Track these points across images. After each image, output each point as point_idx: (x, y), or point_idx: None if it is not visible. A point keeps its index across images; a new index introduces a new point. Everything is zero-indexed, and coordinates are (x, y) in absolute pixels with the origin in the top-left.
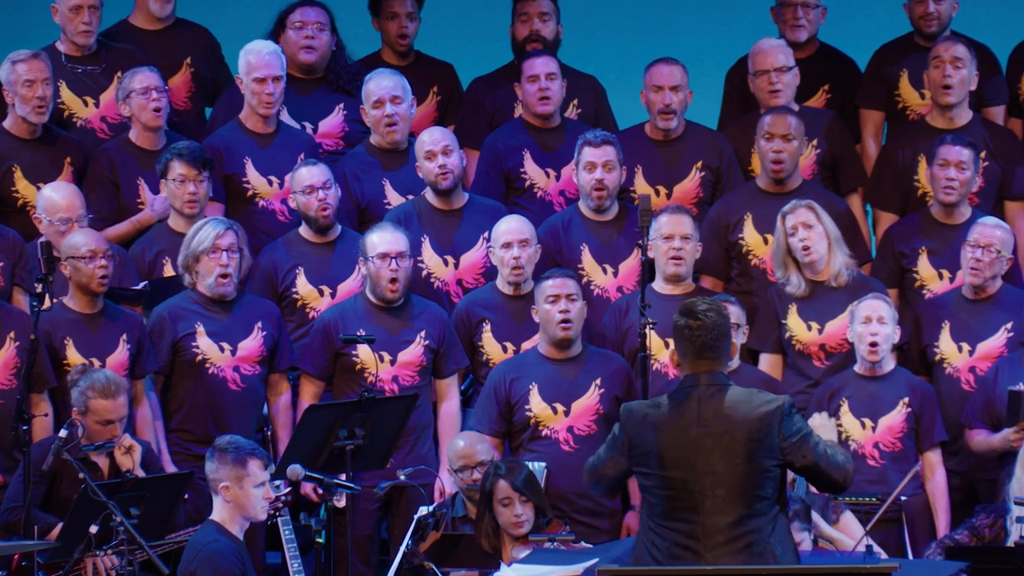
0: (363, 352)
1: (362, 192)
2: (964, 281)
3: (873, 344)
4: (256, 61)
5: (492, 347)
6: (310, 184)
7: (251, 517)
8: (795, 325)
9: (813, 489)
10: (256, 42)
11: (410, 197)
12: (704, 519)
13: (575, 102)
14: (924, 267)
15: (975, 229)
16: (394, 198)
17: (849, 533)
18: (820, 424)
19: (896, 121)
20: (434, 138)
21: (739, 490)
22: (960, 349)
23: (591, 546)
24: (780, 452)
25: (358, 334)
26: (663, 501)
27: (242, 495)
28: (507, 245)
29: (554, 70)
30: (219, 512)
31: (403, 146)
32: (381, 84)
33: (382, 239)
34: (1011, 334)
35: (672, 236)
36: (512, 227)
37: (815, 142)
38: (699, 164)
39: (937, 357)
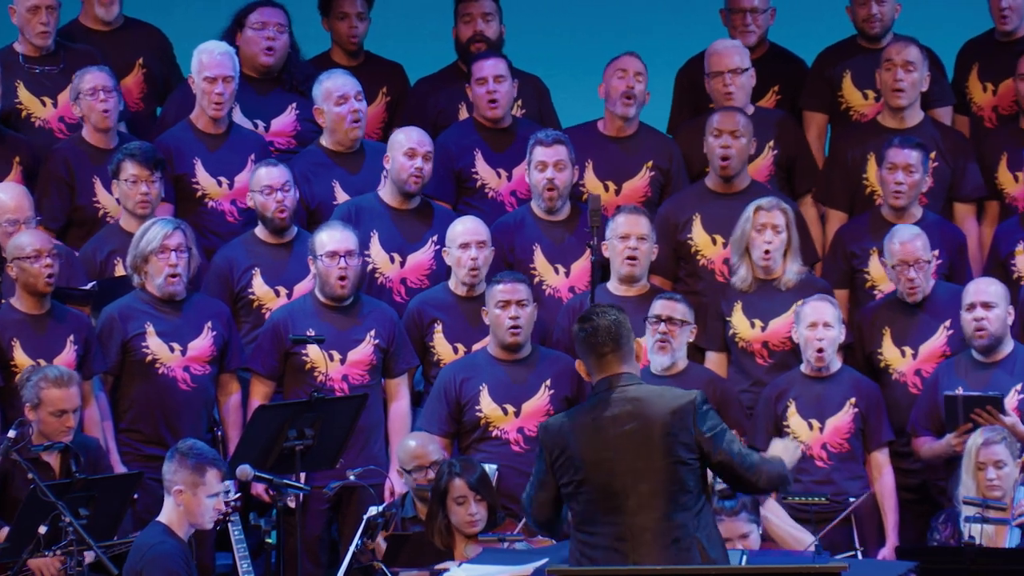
0: (313, 352)
1: (312, 193)
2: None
3: (820, 350)
4: (208, 61)
5: (443, 348)
6: (269, 184)
7: (198, 525)
8: (739, 323)
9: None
10: (210, 42)
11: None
12: (629, 519)
13: (519, 102)
14: (875, 268)
15: (895, 247)
16: (344, 200)
17: (775, 512)
18: (786, 446)
19: (840, 122)
20: (418, 139)
21: (661, 486)
22: (903, 354)
23: (542, 545)
24: (697, 446)
25: (308, 334)
26: (588, 507)
27: (194, 502)
28: (464, 246)
29: (503, 72)
30: (168, 514)
31: (357, 146)
32: (343, 81)
33: (331, 237)
34: (951, 332)
35: (628, 236)
36: (469, 228)
37: (771, 143)
38: (649, 164)
39: (882, 364)
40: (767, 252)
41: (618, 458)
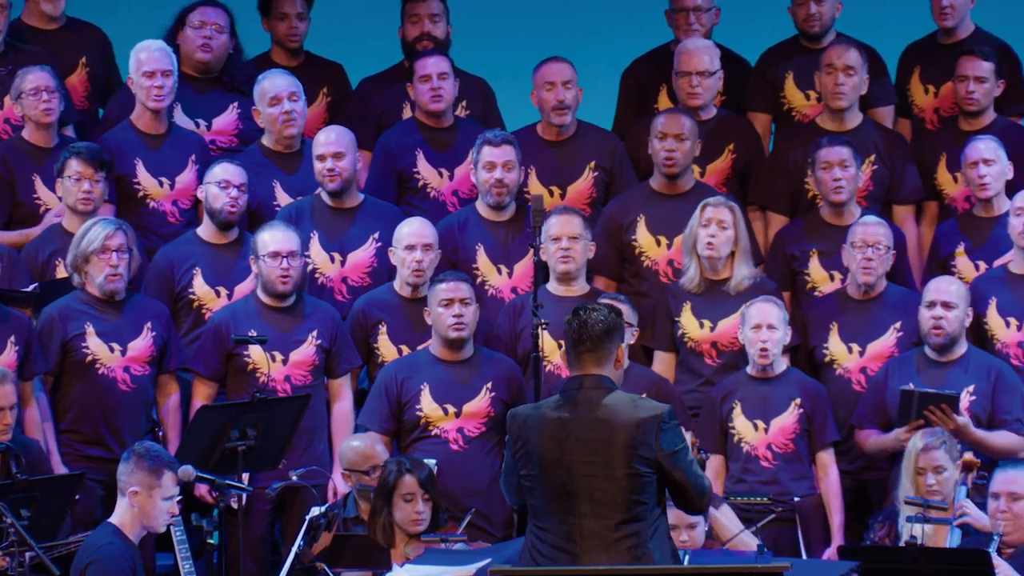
0: (255, 353)
1: (252, 194)
2: (851, 281)
3: (763, 351)
4: (146, 57)
5: (388, 349)
6: (226, 179)
7: (151, 527)
8: (688, 322)
9: None
10: (145, 41)
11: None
12: (580, 521)
13: (463, 103)
14: (815, 269)
15: (858, 229)
16: (284, 200)
17: (724, 513)
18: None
19: (783, 123)
20: (328, 139)
21: (615, 494)
22: (850, 350)
23: (484, 546)
24: (656, 461)
25: (250, 334)
26: (543, 502)
27: (149, 504)
28: (410, 247)
29: (446, 69)
30: (121, 515)
31: (296, 147)
32: (276, 82)
33: (273, 238)
34: (901, 334)
35: (560, 237)
36: (416, 230)
37: (731, 147)
38: (592, 164)
39: (827, 358)
40: (710, 244)
41: (576, 461)
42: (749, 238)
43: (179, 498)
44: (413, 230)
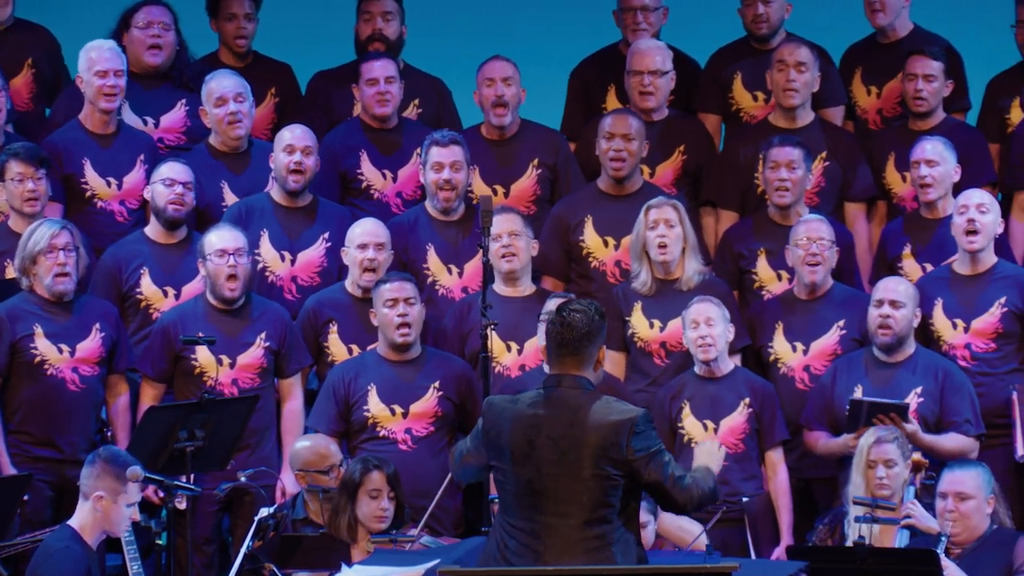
0: (202, 355)
1: (201, 194)
2: (797, 281)
3: (703, 346)
4: (97, 56)
5: (338, 348)
6: (171, 177)
7: (112, 533)
8: (638, 322)
9: None
10: (96, 40)
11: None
12: (546, 520)
13: (416, 102)
14: (763, 268)
15: (800, 228)
16: (232, 201)
17: (676, 522)
18: (707, 450)
19: (732, 123)
20: (295, 135)
21: (582, 495)
22: (794, 349)
23: (433, 546)
24: (627, 464)
25: (197, 335)
26: (512, 498)
27: (114, 509)
28: (363, 247)
29: (392, 73)
30: (81, 519)
31: (243, 147)
32: (223, 83)
33: (220, 237)
34: (844, 332)
35: (500, 235)
36: (368, 230)
37: (682, 148)
38: (535, 162)
39: (772, 357)
40: (662, 246)
41: (545, 459)
42: (696, 236)
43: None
44: (366, 229)
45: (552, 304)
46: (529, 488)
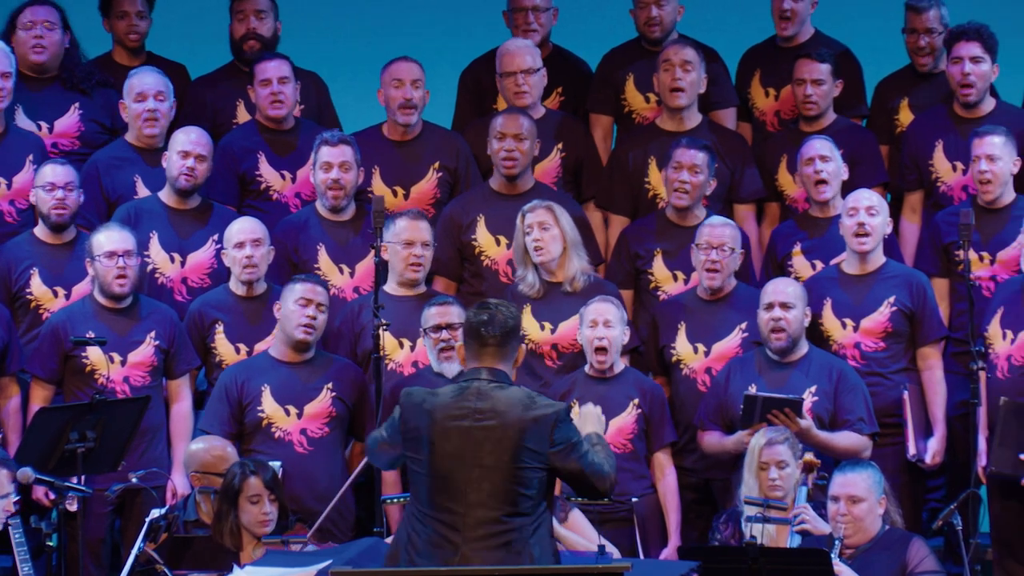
0: (93, 354)
1: (113, 187)
2: (699, 283)
3: (600, 349)
4: None
5: (225, 348)
6: (51, 182)
7: None
8: (529, 325)
9: None
10: None
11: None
12: (467, 511)
13: (297, 102)
14: (659, 268)
15: (704, 231)
16: (145, 194)
17: (579, 530)
18: (589, 413)
19: (624, 125)
20: (197, 139)
21: (503, 487)
22: (696, 350)
23: (326, 547)
24: (547, 457)
25: (88, 336)
26: (429, 489)
27: None
28: (239, 245)
29: (286, 73)
30: None
31: (159, 144)
32: (145, 80)
33: (108, 238)
34: (746, 334)
35: (413, 243)
36: (244, 227)
37: (560, 146)
38: (436, 165)
39: (674, 358)
40: (538, 249)
41: (468, 450)
42: (585, 236)
43: (16, 499)
44: (241, 227)
45: (434, 313)
46: (448, 479)
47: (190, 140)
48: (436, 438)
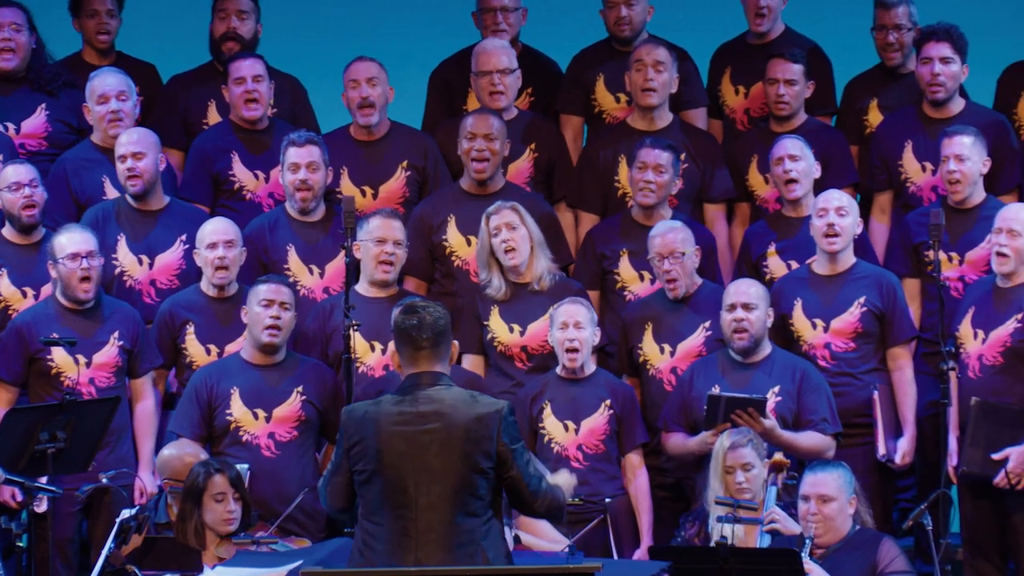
0: (59, 356)
1: (81, 188)
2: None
3: (572, 350)
4: None
5: (195, 349)
6: (16, 181)
7: None
8: (497, 327)
9: None
10: None
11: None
12: (417, 516)
13: (270, 102)
14: (625, 269)
15: (655, 240)
16: (113, 195)
17: (534, 531)
18: (566, 480)
19: (594, 125)
20: (130, 139)
21: (454, 489)
22: (662, 351)
23: (296, 548)
24: (497, 456)
25: (53, 337)
26: (379, 497)
27: None
28: (212, 246)
29: (260, 72)
30: None
31: None
32: (106, 81)
33: (71, 240)
34: (709, 333)
35: (385, 240)
36: (217, 228)
37: (532, 146)
38: (404, 164)
39: (641, 359)
40: (508, 251)
41: (416, 455)
42: (554, 235)
43: None
44: (214, 228)
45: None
46: (399, 486)
47: (127, 141)
48: (383, 446)
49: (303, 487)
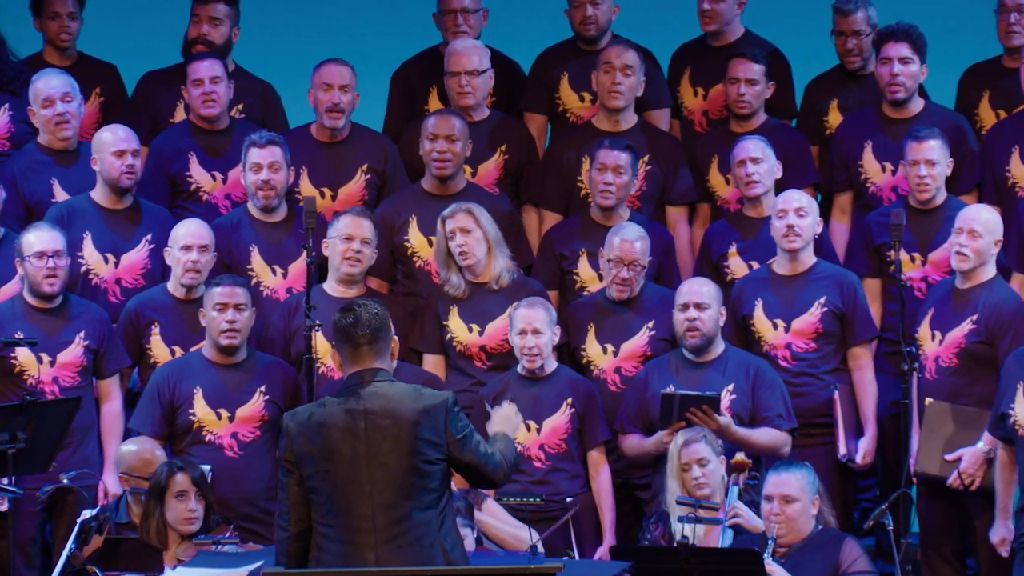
0: (22, 354)
1: (30, 191)
2: (607, 288)
3: (531, 355)
4: None
5: (160, 350)
6: None
7: None
8: (456, 327)
9: None
10: None
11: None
12: (374, 513)
13: (240, 106)
14: (584, 269)
15: (615, 243)
16: (63, 198)
17: (496, 515)
18: (505, 415)
19: (558, 124)
20: (120, 136)
21: (407, 484)
22: (605, 351)
23: (258, 548)
24: (447, 447)
25: (16, 336)
26: (332, 499)
27: None
28: (186, 248)
29: (218, 73)
30: None
31: (73, 145)
32: (50, 83)
33: (39, 238)
34: (653, 332)
35: (352, 238)
36: (192, 231)
37: (503, 148)
38: (364, 167)
39: (584, 360)
40: (463, 253)
41: (365, 452)
42: (516, 236)
43: None
44: (190, 231)
45: None
46: (352, 485)
47: (120, 138)
48: (333, 447)
49: (265, 487)
